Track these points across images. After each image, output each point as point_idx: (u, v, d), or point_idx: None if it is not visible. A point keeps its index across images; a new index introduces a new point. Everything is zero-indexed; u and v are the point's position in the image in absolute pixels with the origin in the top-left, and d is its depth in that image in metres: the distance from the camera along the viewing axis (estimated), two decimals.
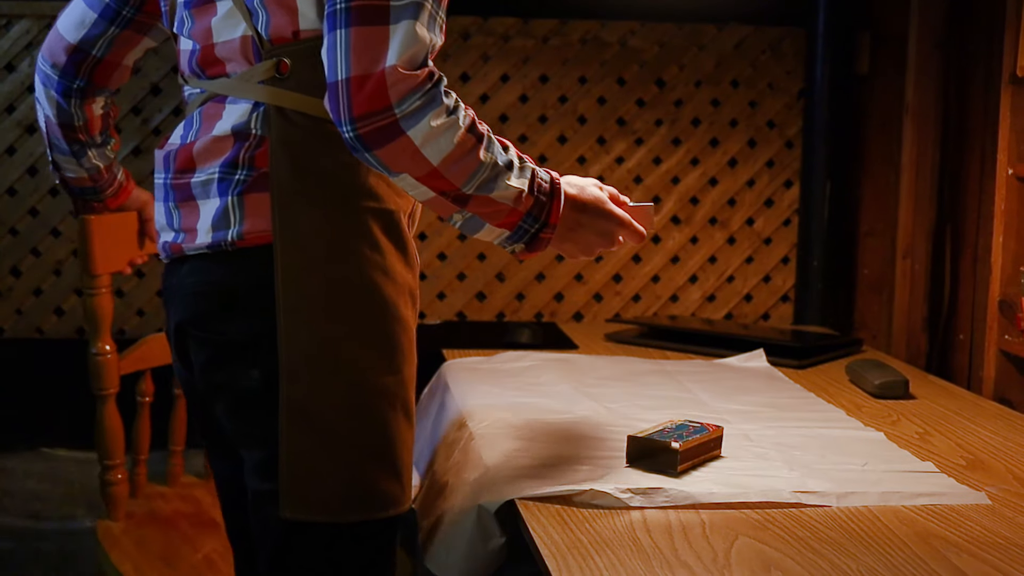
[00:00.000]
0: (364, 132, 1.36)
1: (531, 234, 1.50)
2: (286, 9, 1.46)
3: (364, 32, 1.35)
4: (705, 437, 1.60)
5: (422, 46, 1.37)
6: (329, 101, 1.37)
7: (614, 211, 1.57)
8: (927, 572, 1.26)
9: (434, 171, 1.40)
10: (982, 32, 2.57)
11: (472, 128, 1.42)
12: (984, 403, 2.08)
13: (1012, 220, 2.23)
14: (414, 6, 1.36)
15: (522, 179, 1.47)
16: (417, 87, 1.36)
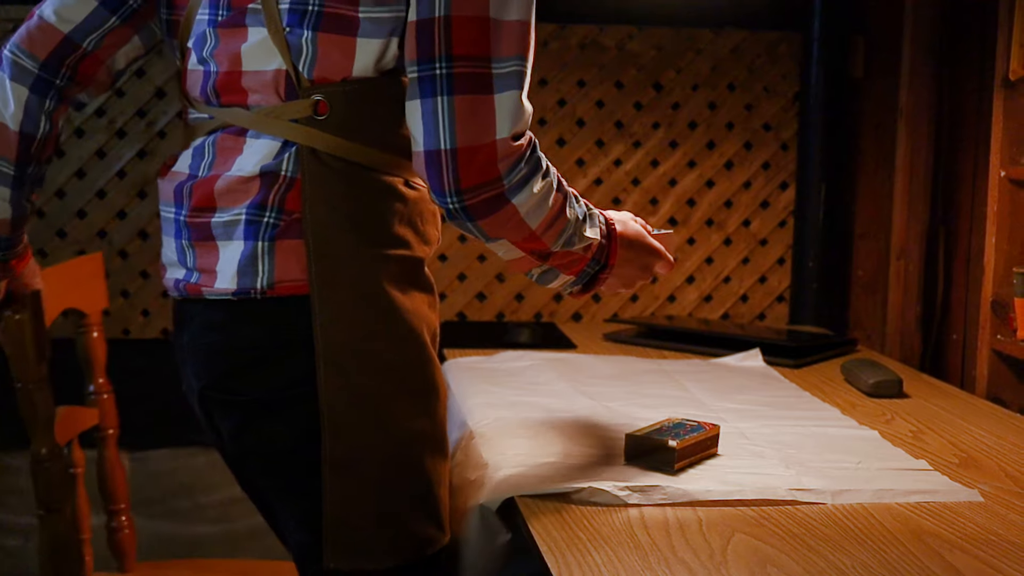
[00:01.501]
0: (471, 204, 1.32)
1: (591, 276, 1.51)
2: (342, 52, 1.39)
3: (470, 101, 1.30)
4: (702, 435, 1.60)
5: (528, 114, 1.34)
6: (428, 169, 1.32)
7: (653, 244, 1.58)
8: (921, 568, 1.26)
9: (532, 234, 1.39)
10: (975, 37, 2.57)
11: (560, 187, 1.41)
12: (977, 402, 2.08)
13: (1005, 222, 2.23)
14: (518, 75, 1.32)
15: (595, 229, 1.47)
16: (522, 155, 1.33)
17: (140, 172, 2.80)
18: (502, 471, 1.54)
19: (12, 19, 2.72)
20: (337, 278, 1.40)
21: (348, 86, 1.39)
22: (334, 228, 1.40)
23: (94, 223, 2.80)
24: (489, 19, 1.29)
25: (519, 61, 1.32)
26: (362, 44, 1.38)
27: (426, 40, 1.30)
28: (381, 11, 1.36)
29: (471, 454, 1.68)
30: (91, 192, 2.79)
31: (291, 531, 1.49)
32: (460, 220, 1.35)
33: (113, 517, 2.01)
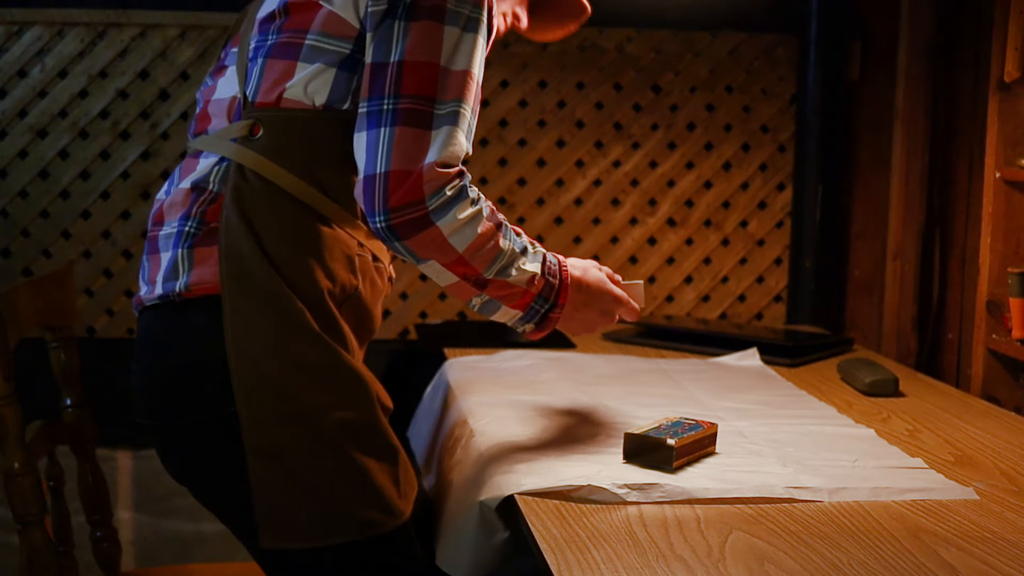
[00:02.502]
0: (396, 223, 1.42)
1: (541, 315, 1.58)
2: (281, 74, 1.52)
3: (409, 132, 1.42)
4: (700, 434, 1.60)
5: (459, 148, 1.45)
6: (364, 192, 1.43)
7: (613, 291, 1.66)
8: (916, 566, 1.26)
9: (459, 258, 1.48)
10: (970, 39, 2.58)
11: (492, 218, 1.50)
12: (972, 401, 2.08)
13: (1000, 222, 2.24)
14: (455, 115, 1.44)
15: (535, 263, 1.55)
16: (448, 182, 1.43)
17: (144, 173, 2.80)
18: (502, 469, 1.54)
19: (17, 21, 2.72)
20: (245, 279, 1.49)
21: (281, 112, 1.52)
22: (244, 235, 1.50)
23: (98, 224, 2.80)
24: (439, 66, 1.44)
25: (457, 103, 1.45)
26: (300, 68, 1.51)
27: (379, 80, 1.45)
28: (327, 41, 1.51)
29: (471, 452, 1.68)
30: (95, 193, 2.79)
31: (237, 520, 1.56)
32: (388, 239, 1.45)
33: (97, 527, 2.01)
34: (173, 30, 2.76)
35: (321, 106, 1.52)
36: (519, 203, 2.92)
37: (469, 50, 1.47)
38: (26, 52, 2.74)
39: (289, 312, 1.49)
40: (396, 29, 1.46)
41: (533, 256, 1.55)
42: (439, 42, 1.45)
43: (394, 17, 1.46)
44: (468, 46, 1.47)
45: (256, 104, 1.54)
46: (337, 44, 1.51)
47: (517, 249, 1.52)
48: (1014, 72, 2.16)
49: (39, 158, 2.77)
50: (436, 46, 1.45)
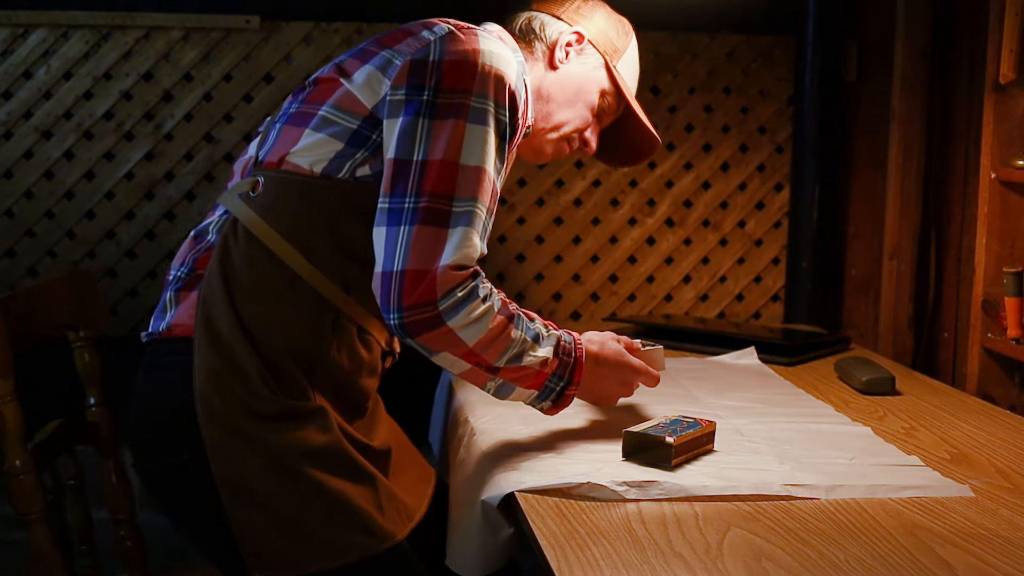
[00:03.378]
0: (409, 322, 1.45)
1: (557, 392, 1.60)
2: (290, 139, 1.57)
3: (427, 232, 1.45)
4: (698, 432, 1.60)
5: (473, 251, 1.48)
6: (381, 288, 1.46)
7: (631, 362, 1.69)
8: (913, 562, 1.26)
9: (470, 351, 1.51)
10: (966, 41, 2.58)
11: (504, 311, 1.53)
12: (968, 399, 2.08)
13: (995, 222, 2.24)
14: (470, 215, 1.48)
15: (547, 347, 1.57)
16: (460, 283, 1.46)
17: (148, 174, 2.80)
18: (502, 467, 1.54)
19: (22, 24, 2.72)
20: (212, 327, 1.54)
21: (281, 173, 1.56)
22: (219, 285, 1.55)
23: (102, 224, 2.80)
24: (458, 164, 1.48)
25: (473, 203, 1.49)
26: (307, 135, 1.56)
27: (401, 177, 1.49)
28: (337, 115, 1.56)
29: (472, 451, 1.68)
30: (100, 194, 2.79)
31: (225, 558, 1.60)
32: (401, 336, 1.49)
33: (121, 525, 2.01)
34: (177, 32, 2.76)
35: (319, 173, 1.56)
36: (519, 203, 2.92)
37: (488, 148, 1.51)
38: (31, 54, 2.74)
39: (244, 366, 1.53)
40: (420, 127, 1.49)
41: (546, 340, 1.58)
42: (460, 140, 1.49)
43: (417, 113, 1.50)
44: (487, 144, 1.51)
45: (263, 164, 1.59)
46: (346, 118, 1.56)
47: (529, 337, 1.55)
48: (1009, 74, 2.16)
49: (44, 159, 2.77)
50: (457, 144, 1.48)
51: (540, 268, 2.95)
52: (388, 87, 1.53)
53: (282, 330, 1.55)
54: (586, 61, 1.78)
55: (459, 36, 1.56)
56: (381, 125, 1.54)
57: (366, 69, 1.57)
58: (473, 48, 1.54)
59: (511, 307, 1.55)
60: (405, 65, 1.53)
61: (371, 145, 1.55)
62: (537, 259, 2.95)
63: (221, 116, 2.80)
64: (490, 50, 1.54)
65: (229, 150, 2.82)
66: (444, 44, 1.54)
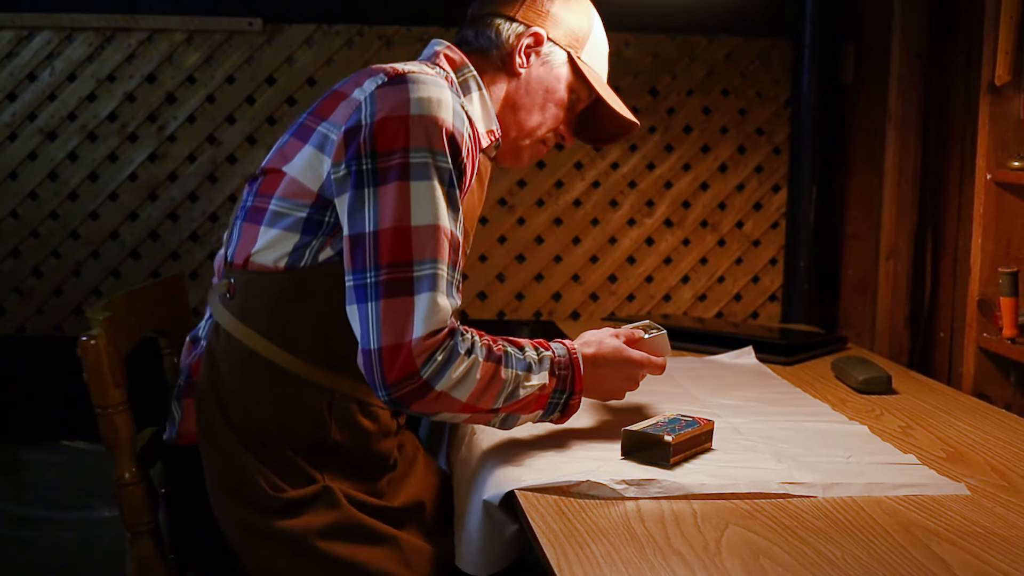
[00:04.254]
0: (398, 396, 1.45)
1: (562, 404, 1.60)
2: (250, 238, 1.56)
3: (393, 304, 1.44)
4: (697, 431, 1.60)
5: (443, 314, 1.46)
6: (364, 367, 1.46)
7: (632, 356, 1.67)
8: (909, 560, 1.26)
9: (466, 405, 1.50)
10: (962, 43, 2.58)
11: (490, 356, 1.51)
12: (963, 398, 2.08)
13: (991, 223, 2.24)
14: (432, 278, 1.46)
15: (542, 372, 1.56)
16: (437, 348, 1.45)
17: (151, 175, 2.80)
18: (503, 466, 1.54)
19: (27, 26, 2.72)
20: (208, 435, 1.56)
21: (250, 274, 1.56)
22: (209, 394, 1.57)
23: (106, 224, 2.80)
24: (410, 227, 1.46)
25: (433, 264, 1.47)
26: (263, 232, 1.55)
27: (359, 252, 1.47)
28: (286, 206, 1.54)
29: (474, 450, 1.68)
30: (103, 194, 2.80)
31: None
32: (395, 409, 1.51)
33: None
34: (180, 34, 2.77)
35: (283, 268, 1.54)
36: (519, 204, 2.92)
37: (437, 201, 1.47)
38: (36, 56, 2.74)
39: (246, 468, 1.55)
40: (366, 197, 1.47)
41: (539, 366, 1.56)
42: (407, 202, 1.45)
43: (361, 184, 1.47)
44: (434, 197, 1.47)
45: (232, 265, 1.58)
46: (295, 208, 1.53)
47: (521, 371, 1.54)
48: (1005, 75, 2.16)
49: (48, 160, 2.77)
50: (405, 207, 1.45)
51: (540, 268, 2.96)
52: (329, 165, 1.50)
53: (277, 426, 1.56)
54: (549, 60, 1.72)
55: (387, 91, 1.50)
56: (331, 205, 1.52)
57: (306, 151, 1.54)
58: (401, 100, 1.49)
59: (496, 348, 1.53)
60: (340, 138, 1.50)
61: (326, 228, 1.53)
62: (537, 259, 2.95)
63: (224, 117, 2.81)
64: (419, 97, 1.49)
65: (232, 151, 2.82)
66: (373, 104, 1.49)
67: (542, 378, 1.55)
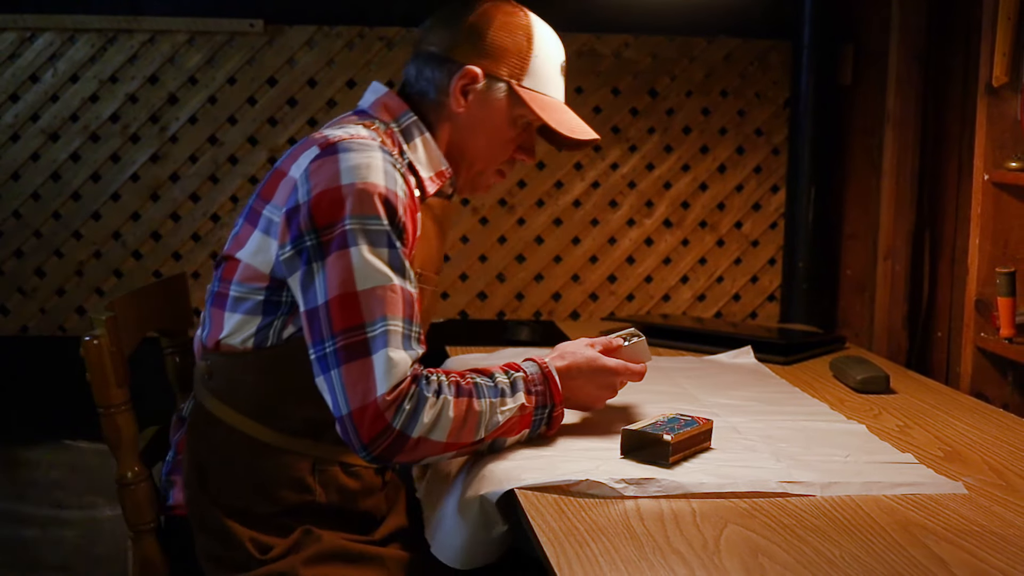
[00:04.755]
0: (378, 453, 1.48)
1: (546, 419, 1.62)
2: (218, 324, 1.61)
3: (353, 368, 1.47)
4: (696, 430, 1.60)
5: (402, 366, 1.48)
6: (341, 433, 1.50)
7: (607, 365, 1.69)
8: (907, 558, 1.27)
9: (446, 444, 1.52)
10: (959, 45, 2.58)
11: (460, 392, 1.53)
12: (961, 397, 2.08)
13: (988, 223, 2.24)
14: (386, 333, 1.48)
15: (517, 394, 1.58)
16: (404, 398, 1.48)
17: (153, 175, 2.80)
18: (503, 464, 1.54)
19: (30, 28, 2.72)
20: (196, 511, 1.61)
21: (223, 356, 1.61)
22: (193, 471, 1.62)
23: (109, 224, 2.81)
24: (356, 293, 1.49)
25: (384, 322, 1.49)
26: (228, 319, 1.60)
27: (315, 326, 1.50)
28: (244, 291, 1.59)
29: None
30: (106, 195, 2.80)
31: None
32: (379, 465, 1.54)
33: None
34: (182, 36, 2.77)
35: (251, 349, 1.59)
36: (519, 204, 2.92)
37: (379, 263, 1.50)
38: (38, 57, 2.74)
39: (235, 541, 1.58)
40: (314, 272, 1.51)
41: (512, 390, 1.58)
42: (350, 269, 1.49)
43: (308, 261, 1.51)
44: (376, 260, 1.50)
45: (207, 348, 1.63)
46: (253, 292, 1.58)
47: (494, 399, 1.56)
48: (1002, 77, 2.16)
49: (51, 161, 2.78)
50: (348, 275, 1.49)
51: (540, 268, 2.96)
52: (276, 247, 1.55)
53: (262, 497, 1.60)
54: (488, 95, 1.69)
55: (319, 165, 1.53)
56: (285, 285, 1.56)
57: (255, 237, 1.58)
58: (333, 173, 1.52)
59: (465, 383, 1.54)
60: (282, 221, 1.54)
61: (284, 307, 1.58)
62: (537, 259, 2.95)
63: (225, 118, 2.81)
64: (349, 167, 1.52)
65: (233, 152, 2.82)
66: (307, 181, 1.53)
67: (518, 399, 1.58)
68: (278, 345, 1.59)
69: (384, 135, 1.64)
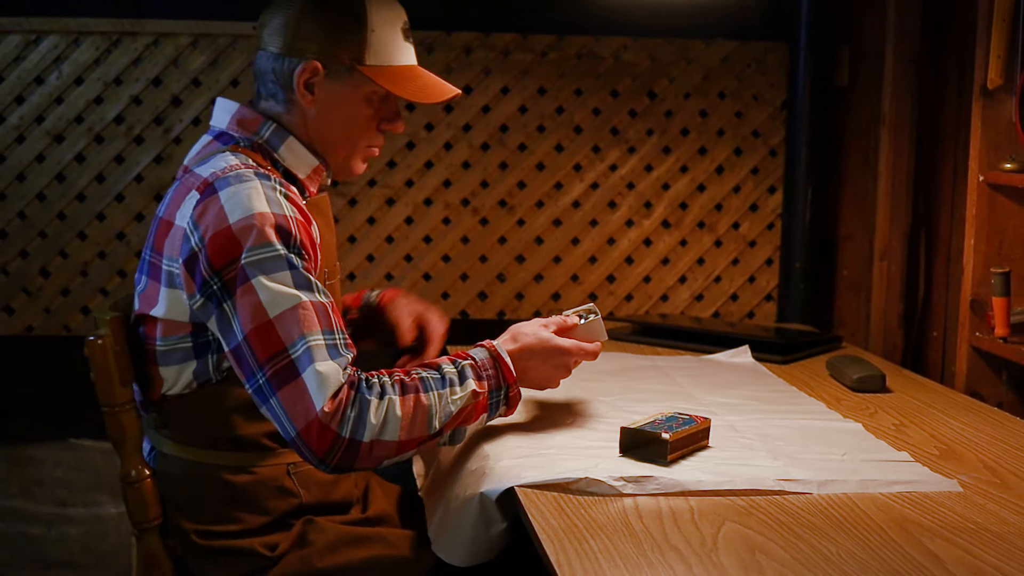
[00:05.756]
0: (336, 464, 1.49)
1: (503, 401, 1.62)
2: (156, 378, 1.62)
3: (287, 392, 1.48)
4: (694, 428, 1.60)
5: (332, 377, 1.48)
6: (299, 454, 1.50)
7: (560, 344, 1.68)
8: (902, 555, 1.27)
9: (402, 442, 1.52)
10: (954, 47, 2.58)
11: (405, 390, 1.53)
12: (956, 396, 2.08)
13: (983, 224, 2.24)
14: (308, 350, 1.48)
15: (466, 380, 1.57)
16: (346, 405, 1.48)
17: (157, 177, 2.80)
18: (502, 462, 1.54)
19: (35, 30, 2.72)
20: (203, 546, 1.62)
21: (171, 402, 1.62)
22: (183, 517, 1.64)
23: (113, 225, 2.81)
24: (270, 321, 1.49)
25: (304, 340, 1.49)
26: (163, 372, 1.62)
27: (241, 361, 1.51)
28: (171, 343, 1.60)
29: (472, 445, 1.68)
30: (110, 196, 2.80)
31: None
32: (343, 473, 1.54)
33: None
34: (185, 38, 2.77)
35: (196, 388, 1.61)
36: (519, 205, 2.93)
37: (285, 285, 1.50)
38: (43, 60, 2.74)
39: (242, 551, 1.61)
40: (227, 311, 1.52)
41: (461, 377, 1.57)
42: (258, 300, 1.49)
43: (218, 303, 1.52)
44: (281, 283, 1.50)
45: (152, 400, 1.64)
46: (179, 341, 1.60)
47: (443, 390, 1.55)
48: (997, 79, 2.16)
49: (56, 162, 2.78)
50: (258, 305, 1.49)
51: (539, 268, 2.96)
52: (186, 298, 1.56)
53: (252, 511, 1.63)
54: (332, 82, 1.66)
55: (203, 210, 1.54)
56: (206, 327, 1.57)
57: (163, 293, 1.59)
58: (218, 214, 1.52)
59: (410, 379, 1.54)
60: (183, 271, 1.54)
61: (214, 345, 1.59)
62: (537, 259, 2.95)
63: None
64: (232, 204, 1.52)
65: None
66: (197, 227, 1.53)
67: (467, 387, 1.57)
68: (221, 380, 1.61)
69: (251, 152, 1.64)
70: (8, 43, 2.72)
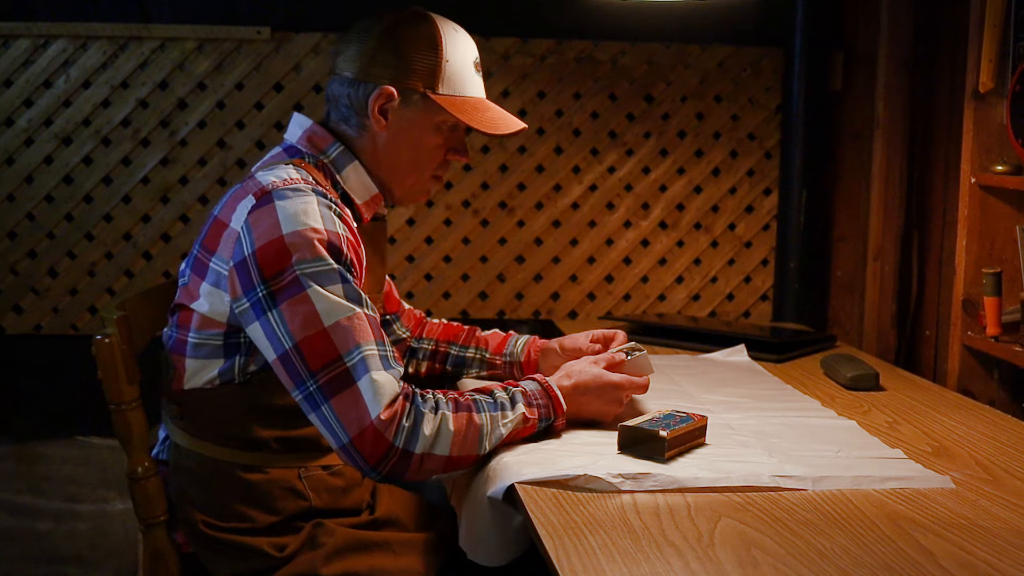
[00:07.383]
0: (387, 473, 1.48)
1: (547, 428, 1.62)
2: (180, 369, 1.62)
3: (342, 399, 1.47)
4: (691, 426, 1.60)
5: (388, 386, 1.48)
6: (347, 461, 1.50)
7: (612, 380, 1.69)
8: (896, 550, 1.27)
9: (451, 459, 1.52)
10: (947, 52, 2.58)
11: (458, 408, 1.53)
12: (948, 394, 2.08)
13: (975, 225, 2.24)
14: (363, 359, 1.48)
15: (517, 404, 1.58)
16: (401, 415, 1.47)
17: (163, 178, 2.80)
18: (503, 460, 1.54)
19: (43, 35, 2.72)
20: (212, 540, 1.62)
21: (192, 394, 1.61)
22: (184, 508, 1.63)
23: (120, 226, 2.81)
24: (324, 329, 1.48)
25: (359, 349, 1.49)
26: (189, 364, 1.61)
27: (291, 369, 1.50)
28: (203, 337, 1.59)
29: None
30: (117, 197, 2.80)
31: None
32: (392, 485, 1.55)
33: None
34: (191, 43, 2.77)
35: (218, 385, 1.60)
36: (519, 207, 2.92)
37: (337, 296, 1.50)
38: (51, 64, 2.74)
39: (251, 550, 1.60)
40: (273, 320, 1.50)
41: (512, 403, 1.58)
42: (312, 309, 1.48)
43: (264, 311, 1.50)
44: (334, 295, 1.50)
45: (175, 392, 1.63)
46: (212, 338, 1.59)
47: (495, 412, 1.55)
48: (988, 83, 2.16)
49: (64, 164, 2.77)
50: (312, 314, 1.48)
51: (539, 269, 2.96)
52: (229, 299, 1.55)
53: (263, 510, 1.62)
54: (406, 109, 1.67)
55: (257, 217, 1.53)
56: (242, 331, 1.56)
57: (205, 289, 1.58)
58: (272, 223, 1.52)
59: (464, 399, 1.55)
60: (231, 274, 1.54)
61: (244, 348, 1.58)
62: (536, 260, 2.95)
63: (233, 123, 2.81)
64: (288, 215, 1.52)
65: (241, 155, 2.82)
66: (249, 234, 1.53)
67: (518, 411, 1.58)
68: (245, 382, 1.60)
69: (315, 170, 1.64)
70: (17, 47, 2.72)
